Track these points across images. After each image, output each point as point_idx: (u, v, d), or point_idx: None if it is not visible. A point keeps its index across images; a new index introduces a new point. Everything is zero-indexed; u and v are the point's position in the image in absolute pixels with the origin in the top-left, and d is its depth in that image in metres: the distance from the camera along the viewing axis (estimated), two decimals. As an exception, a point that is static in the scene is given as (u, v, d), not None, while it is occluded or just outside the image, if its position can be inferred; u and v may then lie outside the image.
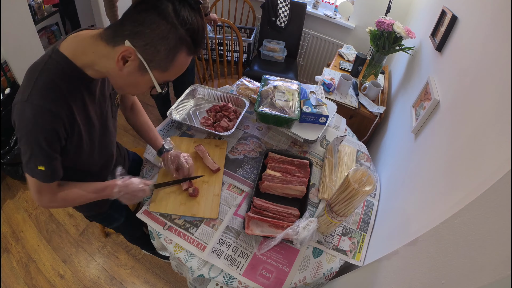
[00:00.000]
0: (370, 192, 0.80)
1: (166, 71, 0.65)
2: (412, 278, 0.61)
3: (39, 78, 0.62)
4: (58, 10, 2.52)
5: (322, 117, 1.22)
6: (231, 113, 1.32)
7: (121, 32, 0.60)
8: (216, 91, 1.42)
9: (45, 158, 0.67)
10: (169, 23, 0.59)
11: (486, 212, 0.45)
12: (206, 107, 1.39)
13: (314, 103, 1.25)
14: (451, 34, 1.03)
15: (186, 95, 1.38)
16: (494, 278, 0.39)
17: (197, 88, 1.42)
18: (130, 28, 0.59)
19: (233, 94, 1.42)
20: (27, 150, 0.66)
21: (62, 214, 1.80)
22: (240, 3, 2.73)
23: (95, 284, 1.52)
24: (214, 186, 1.08)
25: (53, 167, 0.70)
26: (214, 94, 1.43)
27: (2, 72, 1.67)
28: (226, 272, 0.89)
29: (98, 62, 0.65)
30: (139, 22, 0.59)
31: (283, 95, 1.24)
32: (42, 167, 0.68)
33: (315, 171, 1.20)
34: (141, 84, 0.68)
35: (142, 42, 0.60)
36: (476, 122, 0.66)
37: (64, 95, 0.65)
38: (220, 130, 1.25)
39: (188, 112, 1.37)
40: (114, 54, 0.62)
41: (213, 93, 1.43)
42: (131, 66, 0.63)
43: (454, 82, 0.88)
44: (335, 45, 2.53)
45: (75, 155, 0.76)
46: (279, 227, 0.95)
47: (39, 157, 0.67)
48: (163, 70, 0.65)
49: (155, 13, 0.58)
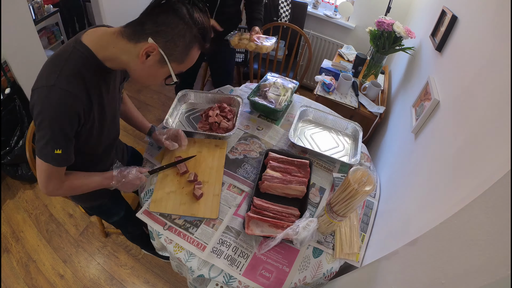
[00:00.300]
0: (370, 192, 0.81)
1: (182, 63, 0.77)
2: (412, 278, 0.61)
3: (65, 65, 0.68)
4: (59, 11, 2.53)
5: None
6: (228, 113, 1.32)
7: (142, 31, 0.70)
8: (206, 94, 1.42)
9: (65, 141, 0.72)
10: (186, 23, 0.70)
11: (486, 212, 0.45)
12: (201, 110, 1.37)
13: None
14: (451, 34, 1.03)
15: (178, 101, 1.38)
16: (494, 278, 0.39)
17: (188, 93, 1.42)
18: (151, 27, 0.69)
19: (225, 95, 1.43)
20: (46, 133, 0.69)
21: (62, 214, 1.80)
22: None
23: (95, 284, 1.52)
24: (214, 186, 1.08)
25: (69, 151, 0.75)
26: (205, 97, 1.42)
27: (2, 72, 1.67)
28: (226, 272, 0.89)
29: (119, 56, 0.73)
30: (160, 22, 0.69)
31: (277, 90, 1.40)
32: (59, 151, 0.72)
33: (315, 171, 1.20)
34: (160, 75, 0.78)
35: (163, 39, 0.70)
36: (476, 122, 0.66)
37: (86, 83, 0.72)
38: (221, 132, 1.25)
39: (183, 118, 1.35)
40: (136, 49, 0.71)
41: (204, 96, 1.42)
42: (152, 59, 0.72)
43: (454, 82, 0.88)
44: (335, 45, 2.53)
45: (85, 139, 0.81)
46: (279, 227, 0.95)
47: (59, 140, 0.71)
48: (179, 63, 0.76)
49: (173, 15, 0.69)
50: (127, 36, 0.71)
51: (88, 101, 0.74)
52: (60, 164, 0.75)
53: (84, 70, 0.71)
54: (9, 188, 1.90)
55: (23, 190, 1.90)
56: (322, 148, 1.29)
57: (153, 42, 0.69)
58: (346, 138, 1.37)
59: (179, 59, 0.75)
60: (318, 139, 1.34)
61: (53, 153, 0.72)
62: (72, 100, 0.69)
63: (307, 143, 1.31)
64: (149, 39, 0.69)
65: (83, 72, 0.71)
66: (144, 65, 0.73)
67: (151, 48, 0.70)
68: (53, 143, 0.71)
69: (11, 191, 1.89)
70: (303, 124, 1.40)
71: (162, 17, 0.69)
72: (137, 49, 0.71)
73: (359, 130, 1.34)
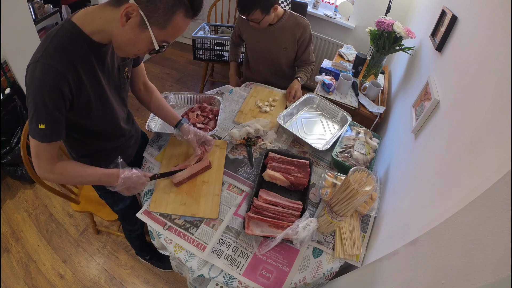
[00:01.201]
0: (370, 192, 0.81)
1: (164, 28, 0.71)
2: (412, 278, 0.61)
3: (50, 42, 0.69)
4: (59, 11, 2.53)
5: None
6: (209, 113, 1.33)
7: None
8: (186, 94, 1.43)
9: (46, 116, 0.72)
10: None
11: (486, 212, 0.45)
12: (182, 112, 1.38)
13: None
14: (451, 34, 1.03)
15: None
16: (494, 278, 0.39)
17: (168, 95, 1.41)
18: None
19: (205, 94, 1.43)
20: (31, 108, 0.71)
21: (62, 214, 1.80)
22: (240, 3, 2.73)
23: (95, 284, 1.52)
24: (214, 186, 1.08)
25: (53, 126, 0.74)
26: (185, 98, 1.44)
27: (2, 72, 1.67)
28: (226, 272, 0.89)
29: (105, 26, 0.72)
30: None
31: (362, 148, 1.25)
32: (42, 125, 0.72)
33: (315, 171, 1.20)
34: (141, 41, 0.72)
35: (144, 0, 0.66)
36: (476, 122, 0.66)
37: (72, 58, 0.72)
38: (204, 131, 1.24)
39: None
40: (118, 14, 0.68)
41: (184, 97, 1.44)
42: (132, 22, 0.69)
43: (454, 82, 0.88)
44: (335, 45, 2.53)
45: (86, 114, 0.82)
46: (279, 227, 0.95)
47: (42, 115, 0.71)
48: (161, 28, 0.70)
49: None
50: (112, 3, 0.71)
51: (76, 75, 0.73)
52: (43, 139, 0.74)
53: (69, 44, 0.71)
54: (9, 188, 1.90)
55: (23, 190, 1.90)
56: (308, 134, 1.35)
57: (133, 2, 0.67)
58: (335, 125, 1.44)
59: (160, 23, 0.69)
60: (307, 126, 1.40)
61: (37, 128, 0.72)
62: (54, 75, 0.69)
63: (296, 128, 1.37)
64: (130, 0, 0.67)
65: (67, 47, 0.71)
66: (124, 29, 0.70)
67: (130, 9, 0.67)
68: (36, 118, 0.71)
69: (11, 191, 1.89)
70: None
71: None
72: (119, 13, 0.69)
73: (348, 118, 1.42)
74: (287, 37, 1.59)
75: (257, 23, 1.46)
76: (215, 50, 2.33)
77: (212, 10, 2.55)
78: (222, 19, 2.72)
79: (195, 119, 1.28)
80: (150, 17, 0.68)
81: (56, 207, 1.83)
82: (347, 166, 1.17)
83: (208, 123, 1.29)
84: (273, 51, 1.65)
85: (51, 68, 0.69)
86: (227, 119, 1.39)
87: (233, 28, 1.78)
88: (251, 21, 1.47)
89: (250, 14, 1.41)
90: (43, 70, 0.68)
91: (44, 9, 2.37)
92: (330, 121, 1.47)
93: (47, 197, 1.87)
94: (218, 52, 2.34)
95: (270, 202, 1.02)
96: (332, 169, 1.24)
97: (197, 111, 1.32)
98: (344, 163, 1.18)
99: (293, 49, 1.64)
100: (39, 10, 2.29)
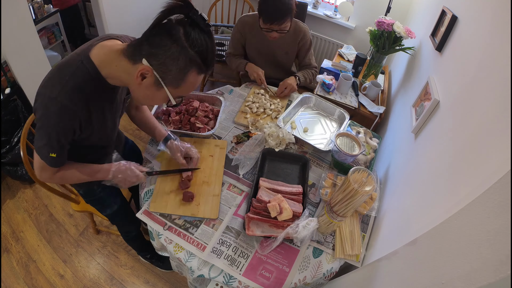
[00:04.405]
0: (370, 192, 0.81)
1: (178, 87, 0.73)
2: (412, 278, 0.61)
3: (70, 80, 0.70)
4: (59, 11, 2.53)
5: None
6: (210, 112, 1.32)
7: (139, 52, 0.69)
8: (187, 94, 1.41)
9: (58, 148, 0.77)
10: (180, 46, 0.67)
11: (486, 212, 0.45)
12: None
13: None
14: (451, 34, 1.03)
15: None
16: (494, 278, 0.39)
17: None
18: (147, 48, 0.68)
19: (206, 94, 1.41)
20: (43, 138, 0.74)
21: (62, 214, 1.80)
22: (240, 3, 2.73)
23: (95, 284, 1.52)
24: (214, 186, 1.08)
25: (62, 156, 0.80)
26: (185, 97, 1.41)
27: (2, 72, 1.67)
28: (226, 272, 0.89)
29: (121, 75, 0.74)
30: (155, 44, 0.67)
31: (362, 148, 1.22)
32: (53, 155, 0.77)
33: (313, 170, 1.20)
34: (157, 97, 0.76)
35: (157, 62, 0.68)
36: (476, 122, 0.66)
37: (87, 98, 0.74)
38: (203, 131, 1.24)
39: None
40: (134, 70, 0.70)
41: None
42: (148, 81, 0.71)
43: (454, 82, 0.88)
44: (335, 45, 2.53)
45: (84, 141, 0.85)
46: (279, 227, 0.95)
47: (54, 147, 0.76)
48: (175, 87, 0.73)
49: (167, 36, 0.66)
50: (128, 56, 0.71)
51: (87, 113, 0.76)
52: (53, 165, 0.80)
53: (85, 86, 0.72)
54: (9, 188, 1.90)
55: (23, 190, 1.90)
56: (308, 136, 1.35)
57: (147, 64, 0.68)
58: (334, 123, 1.44)
59: (174, 83, 0.72)
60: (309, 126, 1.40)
61: (48, 156, 0.77)
62: (70, 116, 0.72)
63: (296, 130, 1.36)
64: (143, 61, 0.68)
65: (84, 88, 0.72)
66: (141, 86, 0.73)
67: (145, 70, 0.69)
68: (48, 148, 0.76)
69: (11, 191, 1.89)
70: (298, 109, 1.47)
71: (157, 38, 0.67)
72: (135, 70, 0.70)
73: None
74: (288, 42, 1.61)
75: (284, 32, 1.44)
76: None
77: (212, 10, 2.55)
78: (222, 19, 2.72)
79: (175, 118, 1.25)
80: (164, 78, 0.71)
81: (56, 207, 1.83)
82: (347, 166, 1.17)
83: (208, 123, 1.29)
84: (276, 56, 1.67)
85: (69, 110, 0.71)
86: (227, 119, 1.39)
87: (230, 42, 1.70)
88: (279, 32, 1.42)
89: (283, 23, 1.37)
90: (61, 111, 0.70)
91: (44, 9, 2.37)
92: (328, 120, 1.46)
93: (47, 197, 1.87)
94: (218, 52, 2.34)
95: (273, 189, 1.03)
96: (332, 169, 1.24)
97: (196, 105, 1.30)
98: (344, 163, 1.18)
99: (294, 53, 1.69)
100: (39, 10, 2.30)
